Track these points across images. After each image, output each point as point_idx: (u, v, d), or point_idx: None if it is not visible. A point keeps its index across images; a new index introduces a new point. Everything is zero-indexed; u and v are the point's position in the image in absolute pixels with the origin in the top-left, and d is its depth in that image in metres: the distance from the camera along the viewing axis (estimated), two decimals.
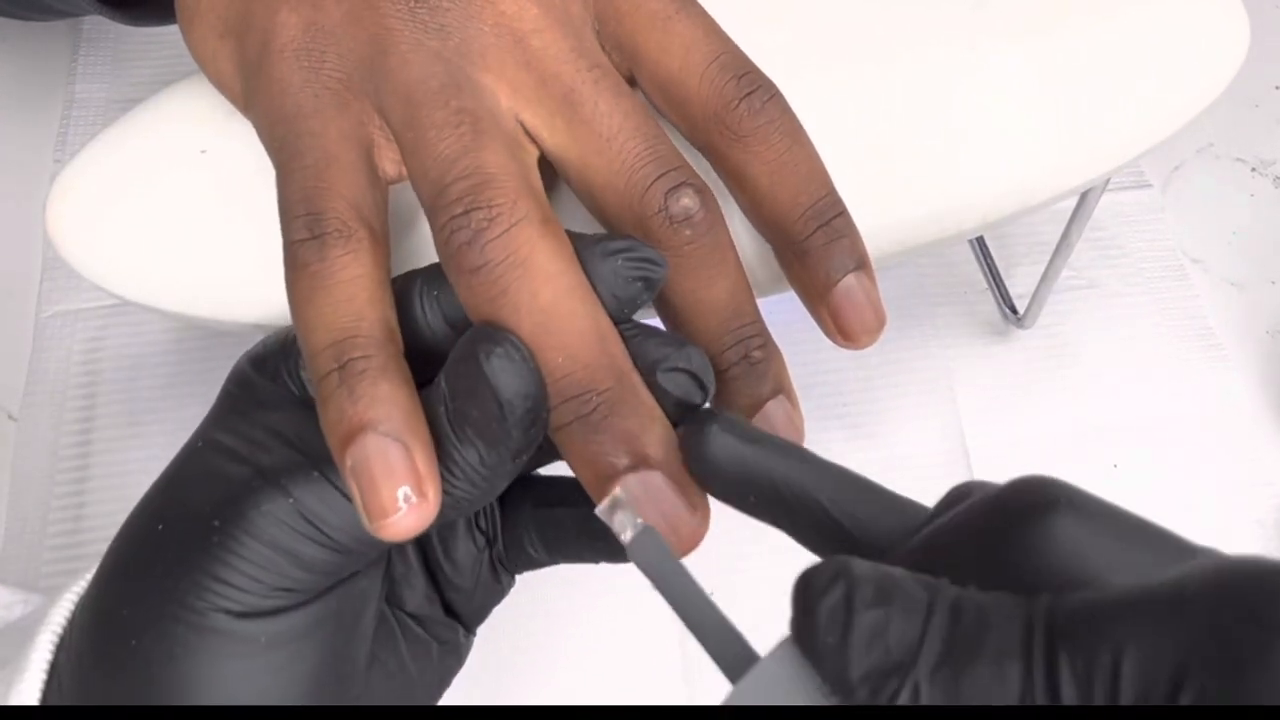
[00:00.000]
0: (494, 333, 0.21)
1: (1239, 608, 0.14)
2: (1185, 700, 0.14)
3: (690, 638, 0.22)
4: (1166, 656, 0.14)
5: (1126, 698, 0.14)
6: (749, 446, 0.21)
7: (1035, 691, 0.15)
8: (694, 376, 0.23)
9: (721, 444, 0.21)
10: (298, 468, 0.22)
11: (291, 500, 0.21)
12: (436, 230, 0.23)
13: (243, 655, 0.21)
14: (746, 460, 0.21)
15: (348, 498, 0.21)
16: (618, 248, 0.23)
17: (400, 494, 0.20)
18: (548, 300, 0.22)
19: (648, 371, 0.23)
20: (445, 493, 0.21)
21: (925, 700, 0.15)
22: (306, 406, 0.23)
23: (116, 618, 0.22)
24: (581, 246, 0.23)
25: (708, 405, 0.23)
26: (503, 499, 0.27)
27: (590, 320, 0.22)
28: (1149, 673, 0.14)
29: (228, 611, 0.21)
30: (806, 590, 0.16)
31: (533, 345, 0.22)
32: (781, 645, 0.17)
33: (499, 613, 0.29)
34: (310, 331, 0.22)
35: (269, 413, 0.23)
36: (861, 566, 0.16)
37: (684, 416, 0.23)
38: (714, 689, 0.41)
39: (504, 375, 0.21)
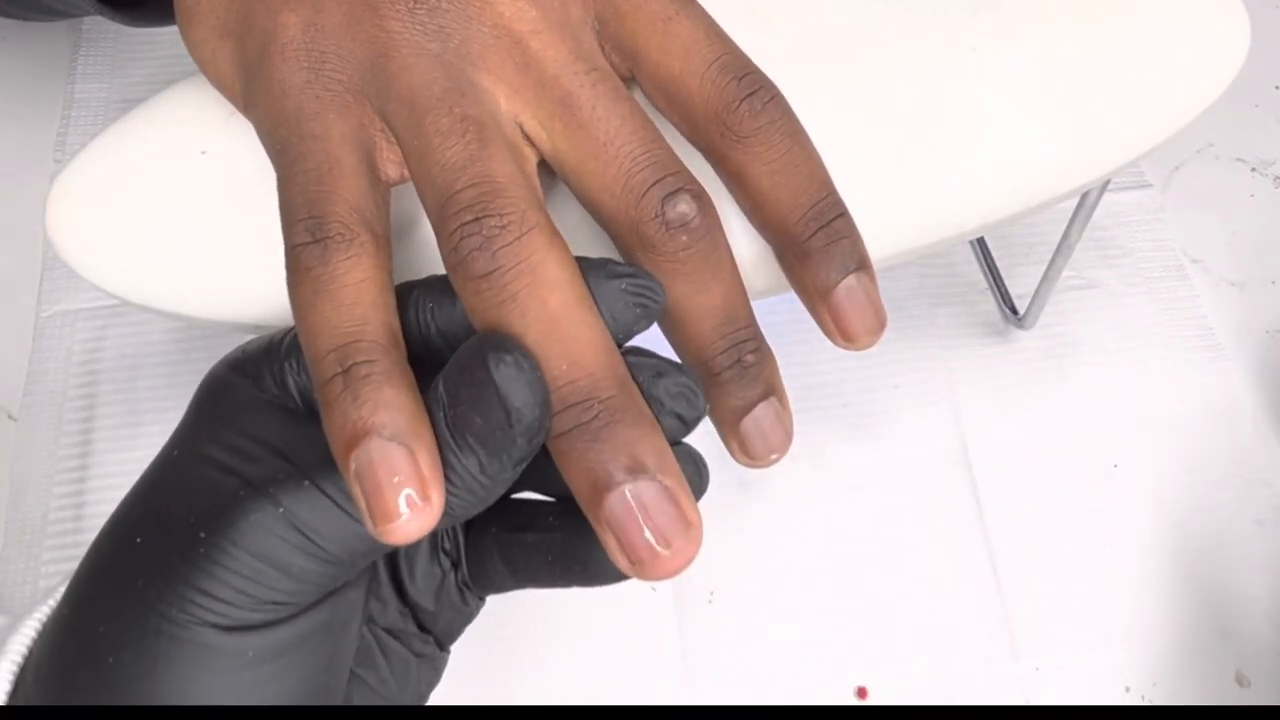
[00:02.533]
0: (503, 340, 0.21)
1: None
2: None
3: (689, 638, 0.22)
4: None
5: None
6: None
7: None
8: (691, 390, 0.23)
9: None
10: (288, 477, 0.21)
11: (282, 510, 0.21)
12: (444, 237, 0.22)
13: (227, 670, 0.21)
14: None
15: (340, 507, 0.21)
16: (622, 271, 0.23)
17: (403, 498, 0.20)
18: (556, 307, 0.22)
19: (644, 386, 0.23)
20: None
21: None
22: (291, 413, 0.23)
23: (93, 634, 0.21)
24: (586, 267, 0.23)
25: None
26: (468, 523, 0.26)
27: (596, 330, 0.22)
28: None
29: (214, 625, 0.21)
30: None
31: (538, 351, 0.22)
32: None
33: (498, 613, 0.29)
34: (313, 336, 0.22)
35: (252, 420, 0.23)
36: None
37: (677, 438, 0.23)
38: (713, 690, 0.42)
39: (513, 383, 0.21)
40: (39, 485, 0.39)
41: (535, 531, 0.25)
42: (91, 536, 0.37)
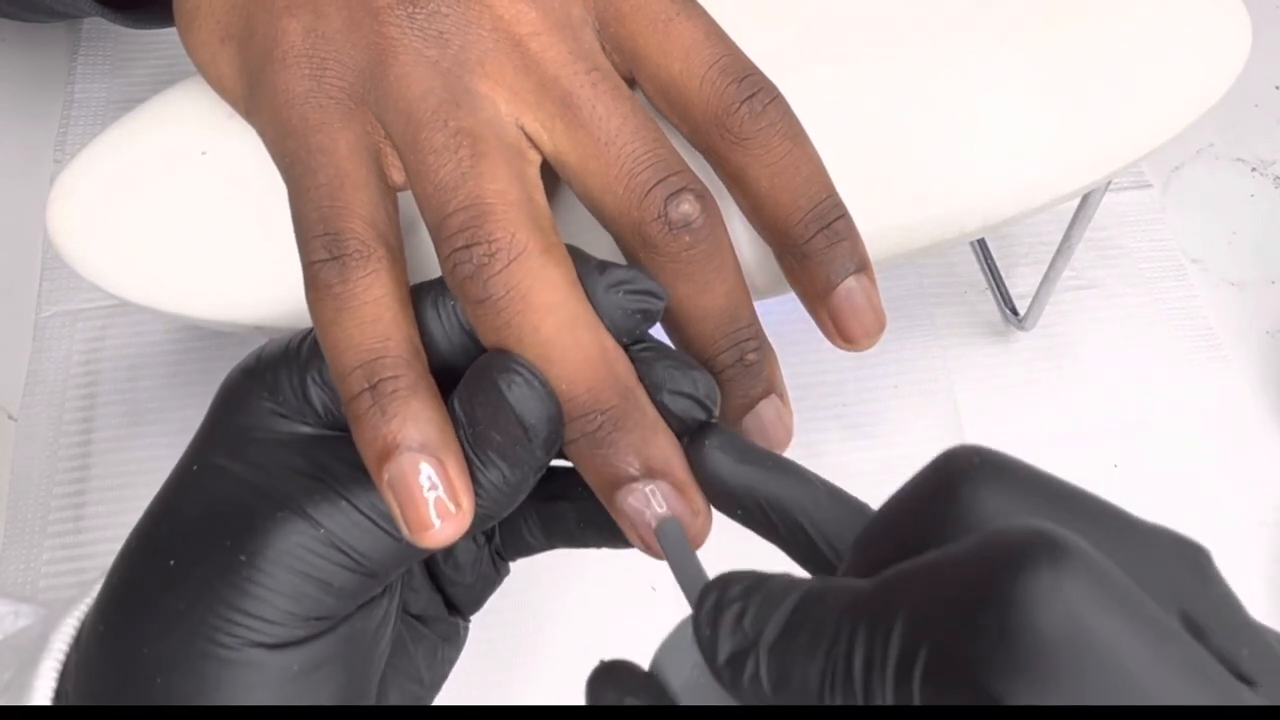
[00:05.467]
0: (510, 361, 0.22)
1: (982, 576, 0.15)
2: (921, 667, 0.15)
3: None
4: (917, 624, 0.15)
5: (890, 667, 0.15)
6: (740, 465, 0.22)
7: (838, 664, 0.16)
8: (697, 401, 0.23)
9: (716, 461, 0.22)
10: (323, 497, 0.22)
11: (322, 530, 0.21)
12: (442, 259, 0.23)
13: (274, 686, 0.21)
14: (737, 477, 0.22)
15: (374, 521, 0.22)
16: (620, 279, 0.23)
17: (435, 506, 0.21)
18: (549, 333, 0.22)
19: (654, 390, 0.23)
20: None
21: (764, 675, 0.17)
22: (313, 427, 0.23)
23: (135, 655, 0.21)
24: (584, 273, 0.23)
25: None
26: None
27: (593, 346, 0.23)
28: (904, 638, 0.15)
29: (261, 645, 0.21)
30: (700, 598, 0.19)
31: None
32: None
33: (499, 612, 0.29)
34: (338, 353, 0.22)
35: (276, 435, 0.23)
36: (738, 574, 0.19)
37: (687, 431, 0.23)
38: None
39: (526, 402, 0.22)
40: (39, 485, 0.39)
41: (567, 500, 0.26)
42: (92, 536, 0.38)
